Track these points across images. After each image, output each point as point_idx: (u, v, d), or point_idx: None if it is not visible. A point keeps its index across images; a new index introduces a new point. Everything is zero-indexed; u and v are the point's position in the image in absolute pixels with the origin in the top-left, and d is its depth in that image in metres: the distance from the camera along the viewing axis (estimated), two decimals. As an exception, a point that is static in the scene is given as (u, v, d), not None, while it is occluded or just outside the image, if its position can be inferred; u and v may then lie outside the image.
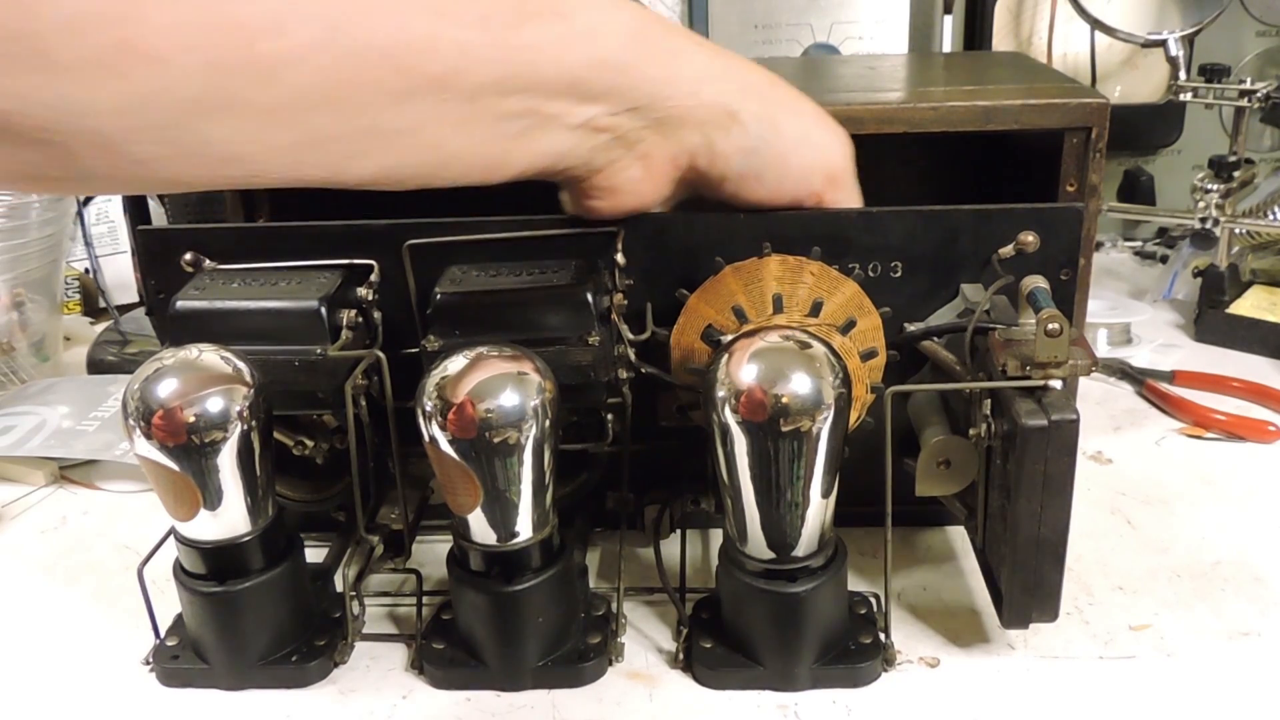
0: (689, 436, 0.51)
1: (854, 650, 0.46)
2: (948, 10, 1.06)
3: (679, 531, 0.56)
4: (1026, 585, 0.44)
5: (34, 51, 0.32)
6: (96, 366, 0.84)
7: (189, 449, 0.43)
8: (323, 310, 0.47)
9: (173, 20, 0.33)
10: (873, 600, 0.49)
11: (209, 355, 0.45)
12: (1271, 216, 0.89)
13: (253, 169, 0.38)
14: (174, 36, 0.34)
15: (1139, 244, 1.10)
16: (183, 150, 0.36)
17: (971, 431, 0.46)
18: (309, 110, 0.37)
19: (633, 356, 0.50)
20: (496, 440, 0.42)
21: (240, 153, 0.37)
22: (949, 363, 0.49)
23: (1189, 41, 0.91)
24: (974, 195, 0.51)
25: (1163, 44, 0.90)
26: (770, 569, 0.44)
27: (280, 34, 0.35)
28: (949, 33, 1.07)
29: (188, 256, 0.51)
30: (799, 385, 0.41)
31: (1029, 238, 0.49)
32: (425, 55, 0.38)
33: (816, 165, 0.49)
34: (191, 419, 0.43)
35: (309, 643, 0.48)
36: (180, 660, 0.48)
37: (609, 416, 0.51)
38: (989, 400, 0.45)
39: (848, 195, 0.50)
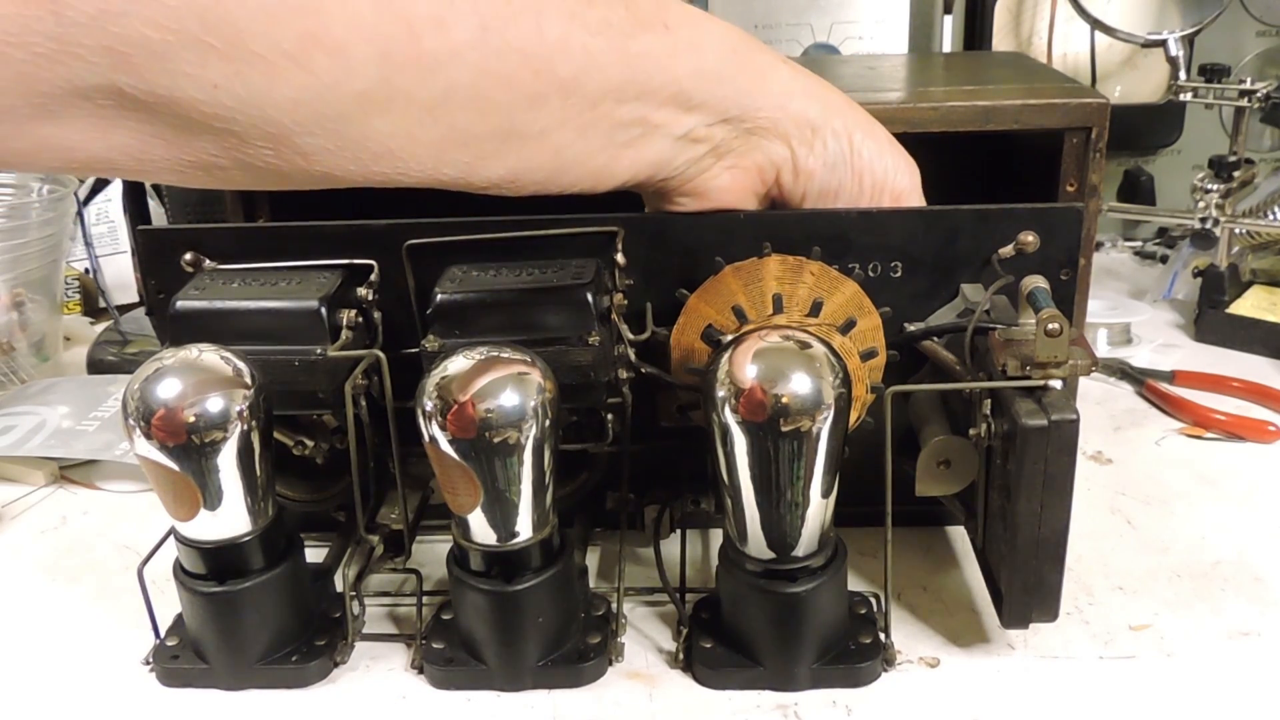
0: (689, 436, 0.51)
1: (854, 650, 0.46)
2: (948, 10, 1.06)
3: (679, 531, 0.55)
4: (1026, 585, 0.44)
5: (229, 41, 0.33)
6: (96, 366, 0.84)
7: (189, 449, 0.43)
8: (323, 310, 0.47)
9: (351, 13, 0.35)
10: (873, 600, 0.49)
11: (209, 355, 0.45)
12: (1271, 216, 0.89)
13: (399, 166, 0.40)
14: (352, 29, 0.35)
15: (1139, 244, 1.10)
16: (344, 144, 0.38)
17: (971, 431, 0.46)
18: (457, 108, 0.39)
19: (633, 356, 0.50)
20: (496, 440, 0.42)
21: (392, 148, 0.39)
22: (949, 363, 0.49)
23: (1189, 41, 0.91)
24: (974, 195, 0.51)
25: (1163, 44, 0.90)
26: (770, 569, 0.44)
27: (441, 30, 0.37)
28: (949, 33, 1.07)
29: (188, 256, 0.51)
30: (799, 385, 0.41)
31: (1029, 238, 0.49)
32: (557, 57, 0.40)
33: (886, 186, 0.50)
34: (191, 419, 0.43)
35: (309, 643, 0.48)
36: (180, 660, 0.48)
37: (609, 416, 0.51)
38: (989, 400, 0.45)
39: None
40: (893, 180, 0.50)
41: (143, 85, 0.33)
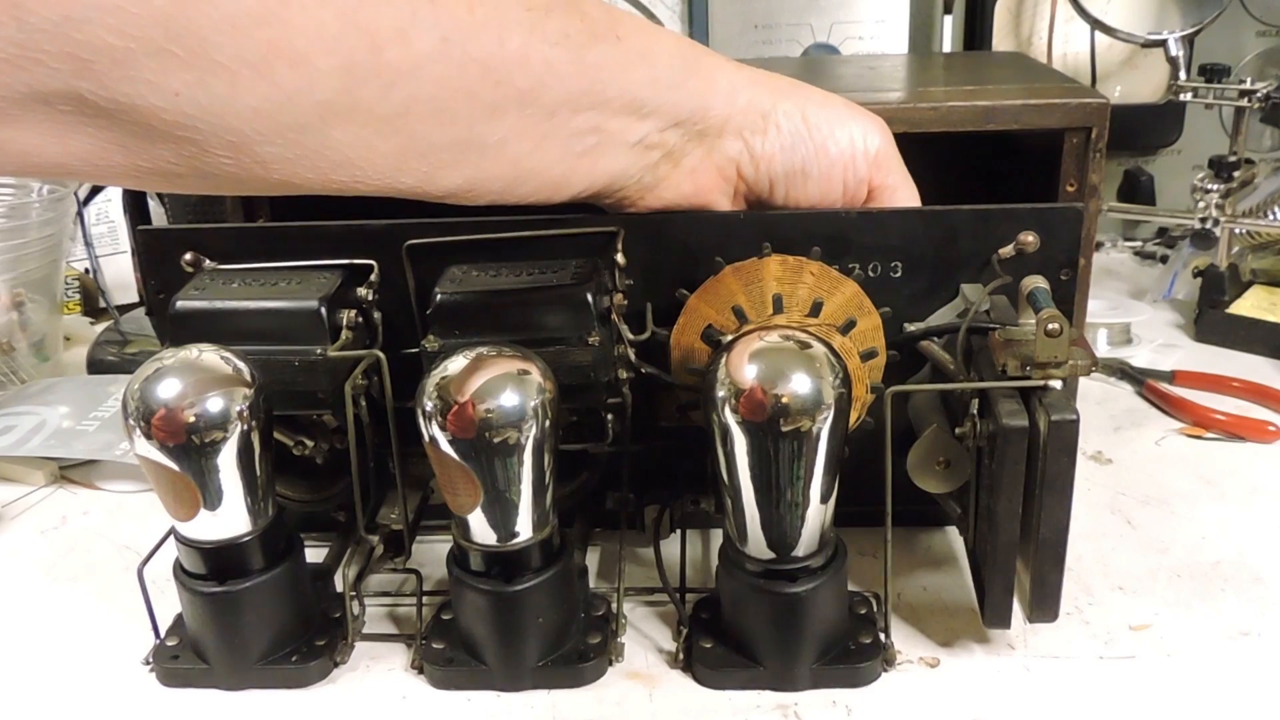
0: (689, 436, 0.51)
1: (854, 650, 0.46)
2: (948, 10, 1.06)
3: (679, 531, 0.56)
4: (1007, 585, 0.44)
5: (191, 49, 0.33)
6: (96, 366, 0.84)
7: (189, 449, 0.43)
8: (323, 310, 0.47)
9: (315, 24, 0.35)
10: (873, 600, 0.49)
11: (209, 355, 0.45)
12: (1271, 216, 0.89)
13: (357, 174, 0.40)
14: (314, 40, 0.35)
15: (1139, 244, 1.10)
16: (304, 153, 0.38)
17: (958, 430, 0.46)
18: (417, 119, 0.39)
19: (633, 356, 0.50)
20: (496, 440, 0.42)
21: (351, 158, 0.39)
22: (945, 363, 0.49)
23: (1189, 41, 0.91)
24: (974, 195, 0.51)
25: (1163, 44, 0.90)
26: (770, 569, 0.44)
27: (403, 43, 0.37)
28: (949, 33, 1.07)
29: (188, 256, 0.51)
30: (799, 385, 0.41)
31: (1029, 238, 0.49)
32: (517, 69, 0.40)
33: (857, 152, 0.49)
34: (191, 419, 0.43)
35: (309, 643, 0.48)
36: (180, 660, 0.48)
37: (609, 416, 0.51)
38: (977, 400, 0.45)
39: (897, 177, 0.51)
40: (862, 145, 0.49)
41: (104, 92, 0.33)
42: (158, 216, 0.89)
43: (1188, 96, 0.87)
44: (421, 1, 0.37)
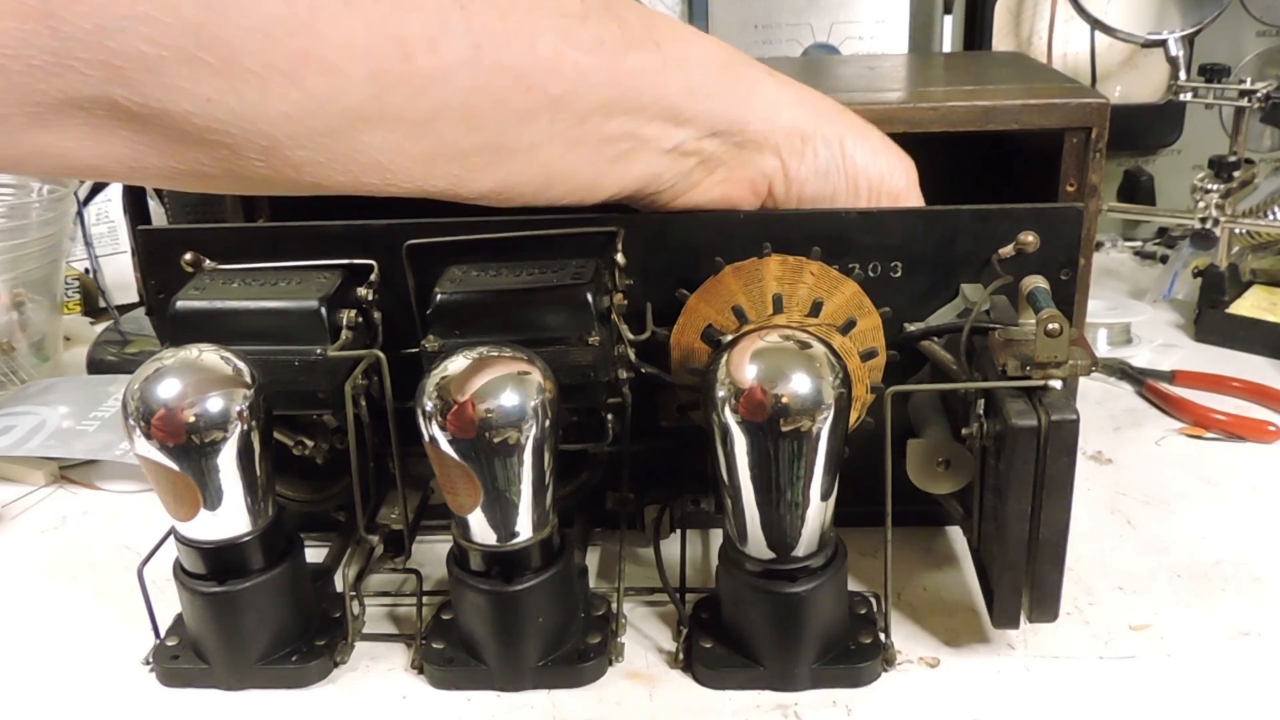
0: (689, 436, 0.51)
1: (854, 650, 0.46)
2: (948, 10, 1.06)
3: (679, 531, 0.55)
4: (1016, 585, 0.44)
5: (223, 57, 0.34)
6: (96, 366, 0.84)
7: (189, 449, 0.43)
8: (323, 310, 0.47)
9: (345, 33, 0.35)
10: (873, 600, 0.49)
11: (209, 355, 0.45)
12: (1271, 216, 0.89)
13: (388, 178, 0.40)
14: (345, 48, 0.35)
15: (1139, 244, 1.10)
16: (334, 156, 0.38)
17: (964, 431, 0.46)
18: (448, 124, 0.39)
19: (633, 356, 0.50)
20: (496, 440, 0.42)
21: (382, 161, 0.39)
22: (946, 363, 0.49)
23: (1189, 41, 0.91)
24: (974, 195, 0.51)
25: (1163, 44, 0.90)
26: (770, 569, 0.44)
27: (434, 50, 0.37)
28: (949, 33, 1.07)
29: (188, 256, 0.51)
30: (799, 385, 0.41)
31: (1029, 238, 0.49)
32: (549, 76, 0.40)
33: (884, 190, 0.50)
34: (191, 419, 0.43)
35: (309, 643, 0.48)
36: (180, 660, 0.48)
37: (609, 416, 0.51)
38: (982, 400, 0.45)
39: None
40: (889, 182, 0.50)
41: (137, 98, 0.34)
42: (158, 216, 0.89)
43: (1188, 96, 0.87)
44: (452, 9, 0.37)
